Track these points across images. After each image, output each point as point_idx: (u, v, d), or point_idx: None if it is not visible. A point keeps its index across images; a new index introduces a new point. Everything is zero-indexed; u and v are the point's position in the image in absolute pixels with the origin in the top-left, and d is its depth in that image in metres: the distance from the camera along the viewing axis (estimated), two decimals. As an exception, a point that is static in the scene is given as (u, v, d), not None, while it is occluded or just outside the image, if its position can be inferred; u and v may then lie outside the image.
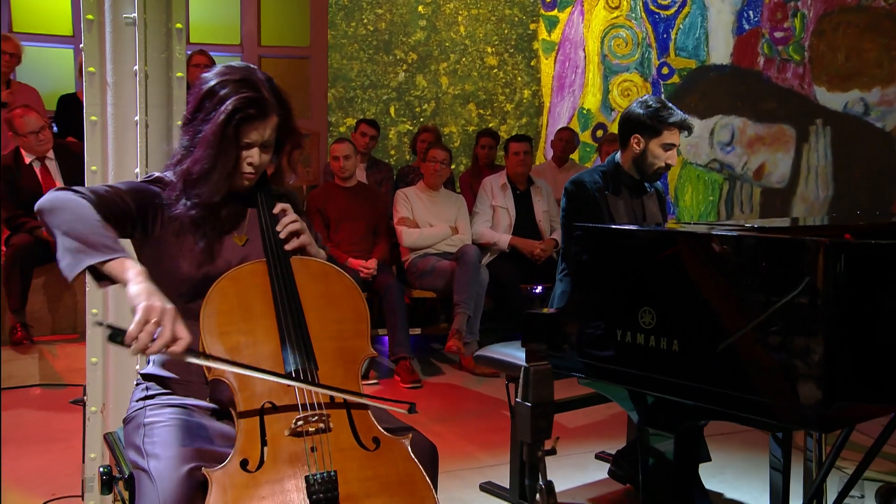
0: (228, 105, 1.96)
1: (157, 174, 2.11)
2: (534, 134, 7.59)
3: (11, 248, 5.06)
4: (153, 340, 1.69)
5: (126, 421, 2.09)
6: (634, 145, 3.24)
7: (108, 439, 2.35)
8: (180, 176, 2.03)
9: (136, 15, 2.87)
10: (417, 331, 5.80)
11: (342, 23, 7.19)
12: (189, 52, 6.39)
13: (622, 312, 2.29)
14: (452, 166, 7.34)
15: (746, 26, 7.28)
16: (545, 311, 2.59)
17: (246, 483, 1.78)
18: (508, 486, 3.31)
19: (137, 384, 2.14)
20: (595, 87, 7.52)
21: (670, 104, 3.23)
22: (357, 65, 7.23)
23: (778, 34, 7.20)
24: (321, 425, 1.86)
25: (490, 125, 7.45)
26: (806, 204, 7.36)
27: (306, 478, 1.78)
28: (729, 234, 2.15)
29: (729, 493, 3.46)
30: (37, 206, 1.86)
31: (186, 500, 1.76)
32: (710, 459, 3.07)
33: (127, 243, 2.00)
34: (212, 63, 6.18)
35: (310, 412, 1.85)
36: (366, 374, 2.16)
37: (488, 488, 3.40)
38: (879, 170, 7.03)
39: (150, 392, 2.09)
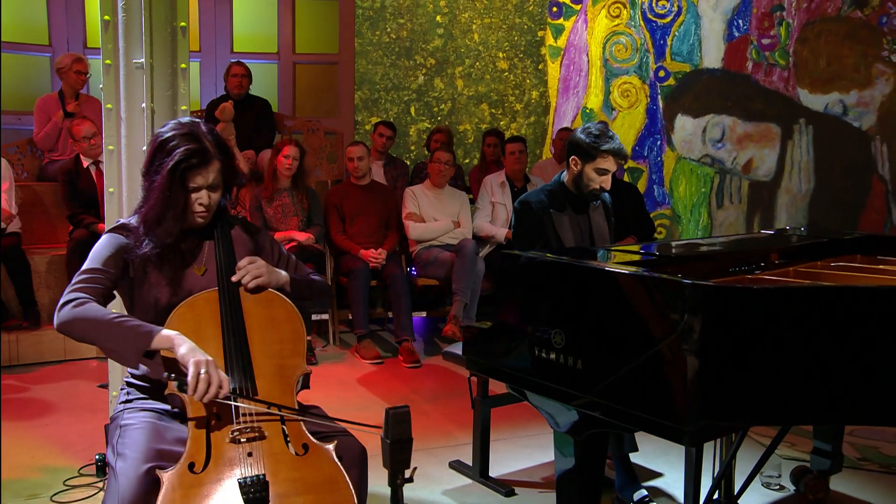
0: (175, 156, 2.09)
1: (122, 221, 2.24)
2: (541, 132, 7.62)
3: (72, 241, 5.28)
4: (209, 386, 1.93)
5: (111, 420, 2.25)
6: (573, 166, 3.22)
7: (106, 430, 2.53)
8: (140, 220, 2.17)
9: (143, 60, 3.01)
10: (423, 314, 5.93)
11: (368, 32, 7.26)
12: (231, 61, 6.56)
13: (538, 332, 2.37)
14: (466, 160, 7.43)
15: (736, 33, 7.19)
16: (482, 324, 2.69)
17: (192, 483, 1.92)
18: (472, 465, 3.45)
19: (122, 389, 2.30)
20: (597, 89, 7.49)
21: (611, 133, 3.19)
22: (381, 69, 7.30)
23: (765, 41, 7.10)
24: (255, 434, 2.00)
25: (501, 123, 7.49)
26: (790, 195, 7.29)
27: (238, 480, 1.92)
28: (617, 270, 2.22)
29: (670, 474, 3.53)
30: (57, 326, 2.03)
31: (141, 496, 1.90)
32: (636, 450, 3.14)
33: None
34: (247, 72, 6.33)
35: (243, 424, 2.00)
36: (305, 385, 2.29)
37: (455, 466, 3.51)
38: (856, 165, 6.96)
39: (131, 397, 2.24)
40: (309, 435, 2.07)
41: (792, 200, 7.28)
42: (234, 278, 2.16)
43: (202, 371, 1.93)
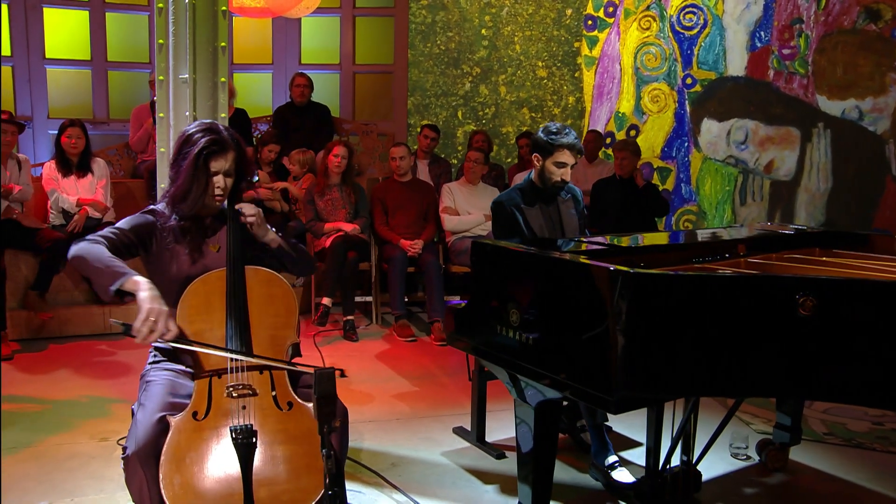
0: (199, 144, 2.33)
1: (151, 206, 2.47)
2: (577, 134, 7.63)
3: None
4: (151, 332, 2.08)
5: (141, 377, 2.49)
6: (535, 162, 3.26)
7: (142, 385, 2.77)
8: (169, 199, 2.40)
9: (187, 75, 3.24)
10: (456, 297, 6.07)
11: (420, 44, 7.43)
12: (294, 72, 6.82)
13: (499, 311, 2.50)
14: (508, 160, 7.54)
15: (758, 44, 7.08)
16: (458, 305, 2.83)
17: (194, 428, 2.13)
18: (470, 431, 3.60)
19: (150, 352, 2.54)
20: (629, 95, 7.49)
21: (568, 129, 3.21)
22: (431, 77, 7.47)
23: (785, 51, 6.97)
24: (247, 391, 2.20)
25: (540, 126, 7.54)
26: (808, 194, 7.16)
27: (230, 428, 2.13)
28: (557, 258, 2.33)
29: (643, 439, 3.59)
30: (68, 256, 2.23)
31: (154, 438, 2.12)
32: (607, 419, 3.23)
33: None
34: (309, 82, 6.58)
35: (236, 381, 2.20)
36: (296, 353, 2.48)
37: (458, 432, 3.65)
38: (870, 166, 6.82)
39: (157, 359, 2.47)
40: (294, 395, 2.26)
41: (810, 199, 7.15)
42: (237, 205, 2.38)
43: (151, 318, 2.07)
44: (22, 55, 7.00)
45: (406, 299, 5.59)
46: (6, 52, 6.96)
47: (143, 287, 2.13)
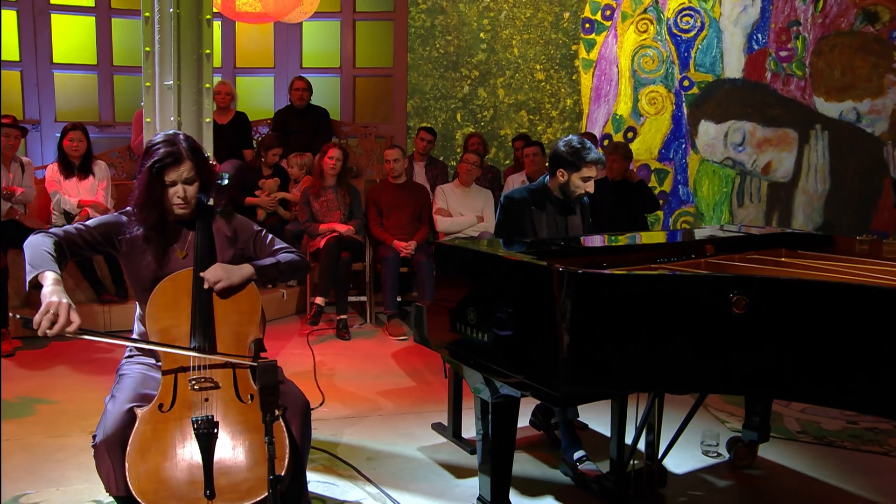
0: (154, 157, 2.42)
1: (128, 209, 2.58)
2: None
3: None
4: (53, 324, 2.08)
5: (116, 370, 2.60)
6: (560, 177, 3.31)
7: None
8: (131, 209, 2.51)
9: (172, 82, 3.35)
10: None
11: (419, 47, 7.53)
12: (294, 76, 6.94)
13: (459, 310, 2.60)
14: (507, 161, 7.61)
15: (756, 46, 7.12)
16: (422, 303, 2.92)
17: (159, 419, 2.24)
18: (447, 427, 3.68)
19: (127, 347, 2.65)
20: (626, 97, 7.54)
21: (589, 144, 3.27)
22: (430, 80, 7.57)
23: (783, 53, 7.01)
24: (209, 384, 2.30)
25: (538, 129, 7.63)
26: (806, 196, 7.19)
27: (192, 419, 2.23)
28: (508, 258, 2.41)
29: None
30: (25, 242, 2.34)
31: (121, 428, 2.22)
32: (577, 416, 3.30)
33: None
34: (308, 86, 6.70)
35: (199, 374, 2.30)
36: (260, 348, 2.58)
37: (436, 427, 3.73)
38: (868, 167, 6.84)
39: (131, 353, 2.59)
40: (255, 387, 2.35)
41: (808, 200, 7.17)
42: (205, 286, 2.43)
43: (51, 310, 2.07)
44: (30, 60, 7.18)
45: (400, 299, 5.68)
46: (15, 57, 7.15)
47: (47, 282, 2.17)
